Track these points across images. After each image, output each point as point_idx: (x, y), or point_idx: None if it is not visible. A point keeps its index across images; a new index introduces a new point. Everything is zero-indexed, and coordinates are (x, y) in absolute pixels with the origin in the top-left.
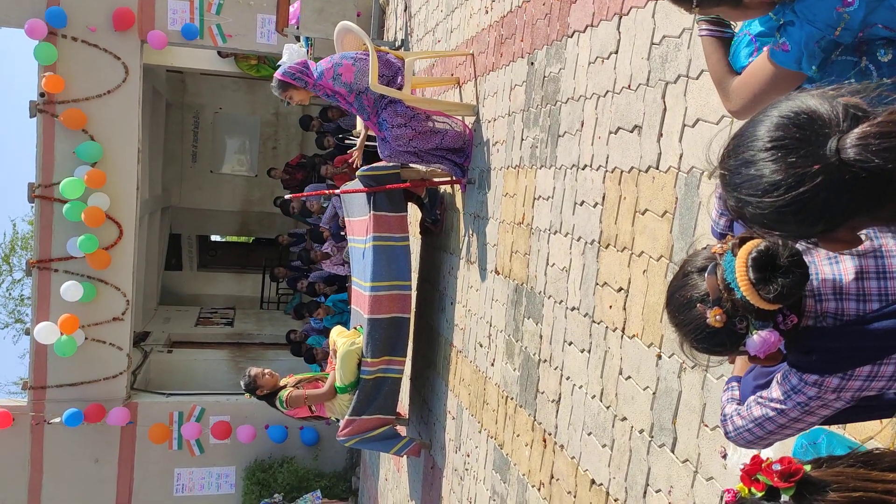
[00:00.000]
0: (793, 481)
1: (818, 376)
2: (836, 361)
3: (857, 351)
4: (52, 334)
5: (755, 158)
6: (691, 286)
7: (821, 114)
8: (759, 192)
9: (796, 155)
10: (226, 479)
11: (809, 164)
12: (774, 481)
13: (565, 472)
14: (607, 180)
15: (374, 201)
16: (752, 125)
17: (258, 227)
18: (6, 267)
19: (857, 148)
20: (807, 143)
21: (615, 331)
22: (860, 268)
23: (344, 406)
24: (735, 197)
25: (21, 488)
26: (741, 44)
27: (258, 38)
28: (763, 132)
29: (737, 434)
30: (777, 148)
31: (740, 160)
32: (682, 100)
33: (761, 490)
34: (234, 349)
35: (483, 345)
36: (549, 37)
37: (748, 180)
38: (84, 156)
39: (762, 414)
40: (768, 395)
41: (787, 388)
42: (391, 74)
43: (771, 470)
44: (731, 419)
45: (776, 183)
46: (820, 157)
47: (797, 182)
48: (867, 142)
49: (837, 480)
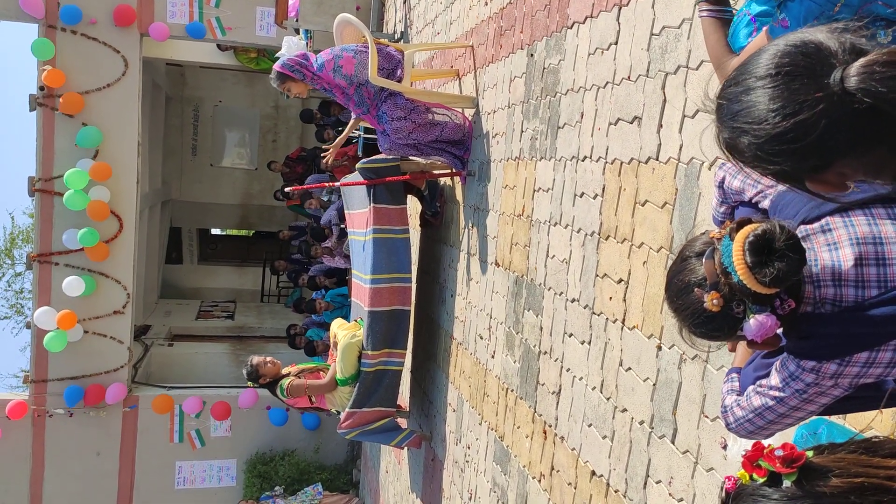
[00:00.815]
0: (795, 467)
1: (816, 362)
2: (833, 347)
3: (854, 337)
4: (50, 320)
5: (757, 85)
6: (689, 270)
7: (828, 45)
8: (757, 118)
9: (800, 82)
10: (227, 471)
11: (812, 91)
12: (777, 467)
13: (566, 464)
14: (607, 171)
15: (374, 194)
16: (757, 55)
17: (258, 220)
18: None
19: (862, 76)
20: (811, 70)
21: (615, 322)
22: (859, 254)
23: (344, 398)
24: (731, 127)
25: (23, 481)
26: (741, 24)
27: (257, 31)
28: (767, 59)
29: (737, 425)
30: (781, 74)
31: (742, 87)
32: (682, 90)
33: (763, 476)
34: (234, 342)
35: (483, 337)
36: (548, 28)
37: (748, 107)
38: (84, 142)
39: (761, 404)
40: (767, 383)
41: (785, 375)
42: (391, 67)
43: (773, 456)
44: (732, 410)
45: (776, 109)
46: (823, 86)
47: (798, 108)
48: (872, 69)
49: (839, 466)
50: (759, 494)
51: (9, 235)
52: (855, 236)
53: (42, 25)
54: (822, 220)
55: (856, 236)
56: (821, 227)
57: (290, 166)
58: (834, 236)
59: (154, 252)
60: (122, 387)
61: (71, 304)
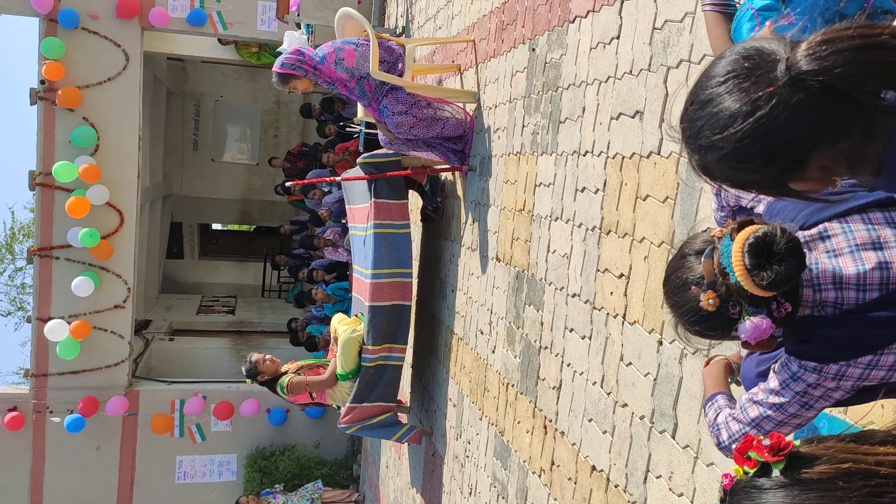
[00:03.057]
0: (782, 455)
1: (818, 363)
2: (835, 349)
3: (856, 339)
4: (61, 333)
5: (712, 95)
6: (687, 268)
7: (768, 47)
8: (718, 128)
9: (748, 81)
10: (227, 466)
11: (762, 87)
12: (765, 456)
13: (566, 459)
14: (608, 166)
15: (375, 189)
16: (707, 70)
17: (259, 215)
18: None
19: (807, 58)
20: (757, 69)
21: (616, 317)
22: (860, 260)
23: (345, 393)
24: (698, 147)
25: (23, 475)
26: (743, 18)
27: (258, 26)
28: (718, 70)
29: (732, 441)
30: (730, 79)
31: (699, 103)
32: (684, 85)
33: (754, 467)
34: (235, 337)
35: (484, 332)
36: (550, 22)
37: (708, 120)
38: (78, 141)
39: (759, 414)
40: (765, 389)
41: (786, 377)
42: (392, 61)
43: (761, 446)
44: (727, 426)
45: (734, 114)
46: (772, 80)
47: (753, 108)
48: (814, 50)
49: (827, 454)
50: (751, 487)
51: (9, 230)
52: (854, 243)
53: (43, 19)
54: (821, 226)
55: (855, 243)
56: (819, 234)
57: (292, 161)
58: (833, 243)
59: (155, 247)
60: (123, 400)
61: (72, 299)
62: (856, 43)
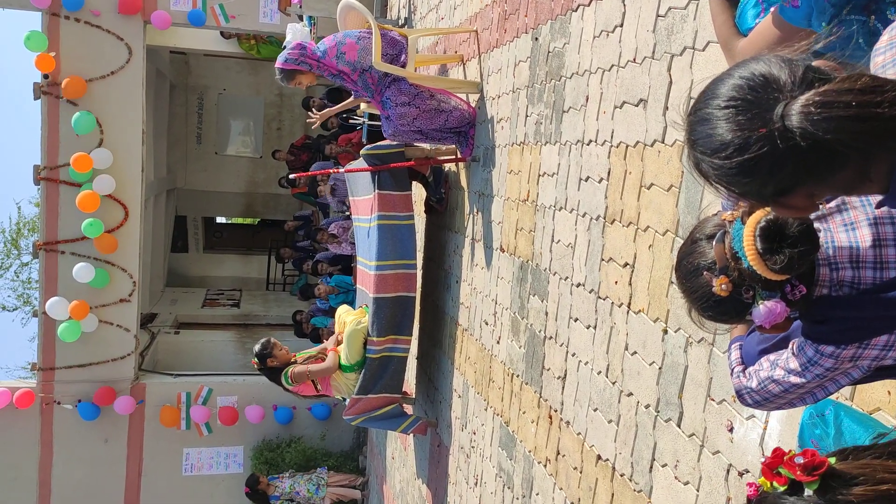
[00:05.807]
0: (817, 475)
1: (834, 348)
2: (851, 331)
3: (873, 320)
4: (62, 311)
5: (710, 116)
6: (699, 253)
7: (776, 77)
8: (709, 150)
9: (745, 116)
10: (234, 458)
11: (756, 126)
12: (797, 475)
13: (571, 448)
14: (612, 155)
15: (379, 180)
16: (715, 83)
17: (263, 208)
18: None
19: (800, 116)
20: (757, 105)
21: (621, 306)
22: (877, 235)
23: (350, 385)
24: (692, 152)
25: (32, 468)
26: (748, 5)
27: (261, 18)
28: (723, 91)
29: (752, 393)
30: (730, 108)
31: (698, 116)
32: (688, 72)
33: (783, 484)
34: (240, 330)
35: (488, 322)
36: (553, 11)
37: (703, 137)
38: (80, 129)
39: (780, 381)
40: (785, 365)
41: (803, 361)
42: (395, 52)
43: (793, 463)
44: (757, 374)
45: (726, 143)
46: (767, 121)
47: (743, 145)
48: (808, 110)
49: (864, 473)
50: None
51: (15, 225)
52: (873, 216)
53: (46, 14)
54: (839, 199)
55: (874, 216)
56: (837, 206)
57: (295, 154)
58: (851, 216)
59: (160, 240)
60: (130, 400)
61: (78, 293)
62: (851, 113)
